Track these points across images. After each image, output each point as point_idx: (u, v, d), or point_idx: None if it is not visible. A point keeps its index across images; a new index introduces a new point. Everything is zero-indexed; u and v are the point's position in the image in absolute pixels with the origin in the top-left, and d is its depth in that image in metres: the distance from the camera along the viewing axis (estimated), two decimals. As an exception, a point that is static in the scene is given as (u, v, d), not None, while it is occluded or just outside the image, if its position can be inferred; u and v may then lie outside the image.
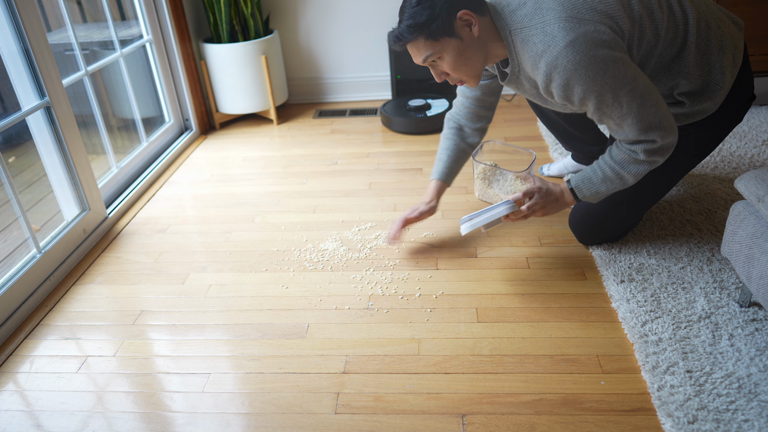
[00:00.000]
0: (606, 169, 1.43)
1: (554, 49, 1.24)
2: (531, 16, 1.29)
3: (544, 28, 1.26)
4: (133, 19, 2.51)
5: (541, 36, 1.27)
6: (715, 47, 1.37)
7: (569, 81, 1.26)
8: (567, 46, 1.23)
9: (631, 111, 1.29)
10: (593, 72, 1.24)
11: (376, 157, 2.41)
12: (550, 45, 1.25)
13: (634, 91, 1.27)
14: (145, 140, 2.47)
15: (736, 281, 1.48)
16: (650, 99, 1.29)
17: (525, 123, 2.63)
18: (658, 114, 1.30)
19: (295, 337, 1.44)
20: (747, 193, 1.25)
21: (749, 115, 2.42)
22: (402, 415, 1.20)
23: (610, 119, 1.33)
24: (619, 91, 1.26)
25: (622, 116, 1.30)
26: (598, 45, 1.23)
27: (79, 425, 1.24)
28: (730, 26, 1.41)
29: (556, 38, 1.24)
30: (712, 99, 1.41)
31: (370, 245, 1.79)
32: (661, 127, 1.31)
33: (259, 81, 2.76)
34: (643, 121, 1.30)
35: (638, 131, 1.31)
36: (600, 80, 1.25)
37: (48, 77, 1.77)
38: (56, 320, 1.58)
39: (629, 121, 1.31)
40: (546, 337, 1.37)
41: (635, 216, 1.65)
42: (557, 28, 1.24)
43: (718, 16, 1.39)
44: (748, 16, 2.36)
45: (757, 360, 1.24)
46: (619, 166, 1.40)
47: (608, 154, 1.43)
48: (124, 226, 2.03)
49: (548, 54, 1.26)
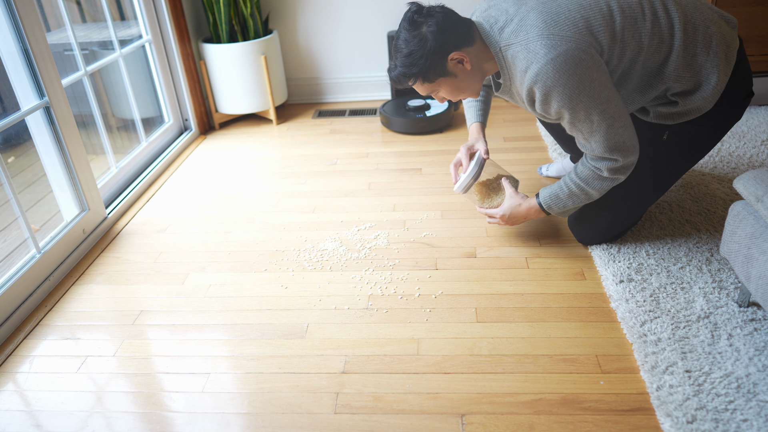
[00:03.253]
0: (572, 186, 1.53)
1: (536, 66, 1.31)
2: (516, 33, 1.35)
3: (527, 45, 1.32)
4: (133, 19, 2.51)
5: (525, 53, 1.33)
6: (702, 48, 1.39)
7: (548, 95, 1.34)
8: (547, 63, 1.29)
9: (600, 129, 1.37)
10: (570, 90, 1.31)
11: (376, 158, 2.41)
12: (532, 62, 1.32)
13: (606, 112, 1.35)
14: (144, 140, 2.47)
15: (735, 281, 1.49)
16: (619, 121, 1.38)
17: (524, 123, 2.64)
18: (624, 135, 1.39)
19: (294, 337, 1.44)
20: (746, 193, 1.25)
21: (748, 115, 2.42)
22: (401, 415, 1.20)
23: (579, 133, 1.42)
24: (592, 110, 1.34)
25: (591, 132, 1.39)
26: (577, 64, 1.29)
27: (79, 425, 1.24)
28: (721, 25, 1.41)
29: (538, 55, 1.30)
30: (704, 98, 1.43)
31: (370, 245, 1.79)
32: (625, 148, 1.41)
33: (258, 81, 2.76)
34: (610, 141, 1.39)
35: (603, 149, 1.41)
36: (576, 98, 1.32)
37: (47, 77, 1.77)
38: (56, 320, 1.58)
39: (597, 138, 1.39)
40: (545, 337, 1.37)
41: (634, 215, 1.65)
42: (539, 45, 1.30)
43: (708, 16, 1.40)
44: (747, 16, 2.36)
45: (756, 360, 1.24)
46: (584, 183, 1.50)
47: (574, 172, 1.52)
48: (123, 226, 2.03)
49: (531, 70, 1.32)
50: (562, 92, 1.32)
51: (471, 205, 1.99)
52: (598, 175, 1.47)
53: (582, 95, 1.32)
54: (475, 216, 1.91)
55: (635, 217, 1.66)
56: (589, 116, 1.35)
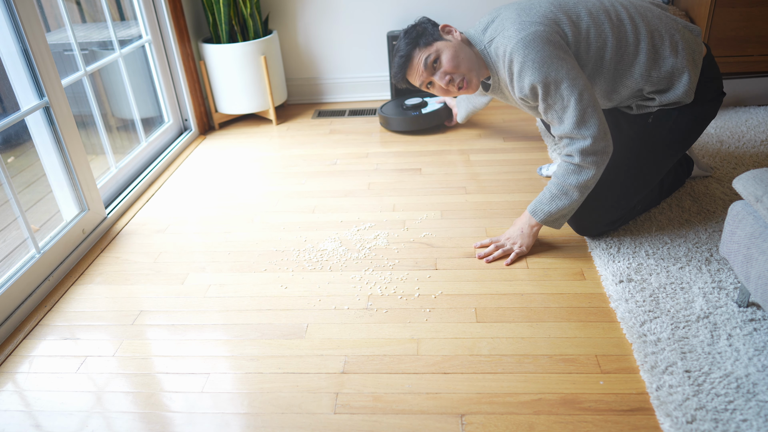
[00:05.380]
0: (552, 188, 1.60)
1: (510, 45, 1.50)
2: (495, 29, 1.57)
3: (503, 32, 1.53)
4: (132, 19, 2.51)
5: (502, 39, 1.53)
6: (671, 53, 1.55)
7: (521, 71, 1.49)
8: (519, 41, 1.48)
9: (570, 104, 1.48)
10: (539, 62, 1.46)
11: (375, 158, 2.41)
12: (507, 44, 1.51)
13: (574, 86, 1.47)
14: (144, 140, 2.47)
15: (734, 281, 1.49)
16: (587, 96, 1.48)
17: (524, 123, 2.64)
18: (593, 114, 1.49)
19: (294, 337, 1.44)
20: (745, 193, 1.25)
21: (748, 115, 2.42)
22: (401, 415, 1.20)
23: (553, 112, 1.52)
24: (561, 83, 1.47)
25: (563, 108, 1.50)
26: (545, 42, 1.47)
27: (78, 425, 1.24)
28: (685, 33, 1.59)
29: (512, 37, 1.50)
30: (678, 95, 1.58)
31: (369, 245, 1.79)
32: (596, 125, 1.49)
33: (258, 81, 2.76)
34: (579, 115, 1.48)
35: (574, 123, 1.49)
36: (545, 70, 1.46)
37: (47, 77, 1.77)
38: (55, 320, 1.58)
39: (568, 113, 1.49)
40: (545, 337, 1.37)
41: (629, 200, 1.67)
42: (513, 30, 1.51)
43: (672, 26, 1.58)
44: (747, 16, 2.36)
45: (756, 360, 1.25)
46: (560, 180, 1.57)
47: (553, 175, 1.61)
48: (123, 226, 2.03)
49: (508, 51, 1.51)
50: (532, 65, 1.47)
51: (471, 205, 1.99)
52: (572, 165, 1.54)
53: (551, 68, 1.46)
54: (475, 216, 1.91)
55: (630, 203, 1.67)
56: (559, 89, 1.47)
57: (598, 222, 1.67)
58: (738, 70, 2.47)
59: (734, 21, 2.37)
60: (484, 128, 2.61)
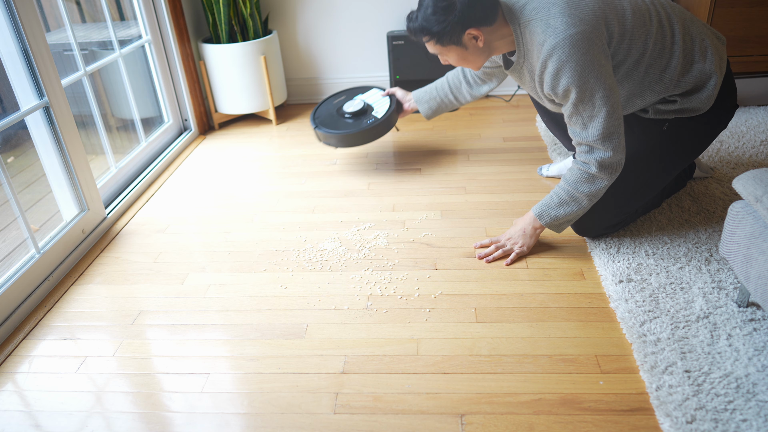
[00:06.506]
0: (561, 193, 1.57)
1: (553, 39, 1.39)
2: (537, 9, 1.43)
3: (548, 20, 1.40)
4: (132, 19, 2.51)
5: (544, 27, 1.41)
6: (699, 57, 1.51)
7: (560, 70, 1.40)
8: (566, 38, 1.37)
9: (600, 114, 1.43)
10: (581, 67, 1.38)
11: (375, 157, 2.41)
12: (550, 36, 1.39)
13: (608, 98, 1.42)
14: (144, 140, 2.47)
15: (734, 281, 1.49)
16: (617, 112, 1.44)
17: (524, 123, 2.64)
18: (619, 128, 1.46)
19: (294, 337, 1.44)
20: (745, 193, 1.25)
21: (747, 115, 2.42)
22: (401, 415, 1.20)
23: (579, 117, 1.46)
24: (596, 92, 1.41)
25: (591, 116, 1.45)
26: (592, 46, 1.38)
27: (78, 425, 1.24)
28: (713, 40, 1.55)
29: (557, 30, 1.38)
30: (701, 99, 1.54)
31: (369, 245, 1.79)
32: (618, 141, 1.46)
33: (258, 81, 2.76)
34: (607, 128, 1.44)
35: (598, 136, 1.45)
36: (585, 76, 1.39)
37: (47, 77, 1.77)
38: (55, 320, 1.58)
39: (595, 123, 1.45)
40: (544, 337, 1.37)
41: (632, 206, 1.66)
42: (560, 21, 1.38)
43: (702, 30, 1.54)
44: (747, 17, 2.36)
45: (755, 360, 1.25)
46: (572, 187, 1.54)
47: (563, 179, 1.57)
48: (123, 226, 2.03)
49: (548, 43, 1.40)
50: (573, 68, 1.38)
51: (471, 205, 1.99)
52: (587, 174, 1.51)
53: (591, 75, 1.39)
54: (475, 216, 1.91)
55: (632, 208, 1.67)
56: (593, 98, 1.42)
57: (599, 224, 1.67)
58: (738, 70, 2.47)
59: (734, 21, 2.37)
60: (484, 128, 2.61)
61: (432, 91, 2.07)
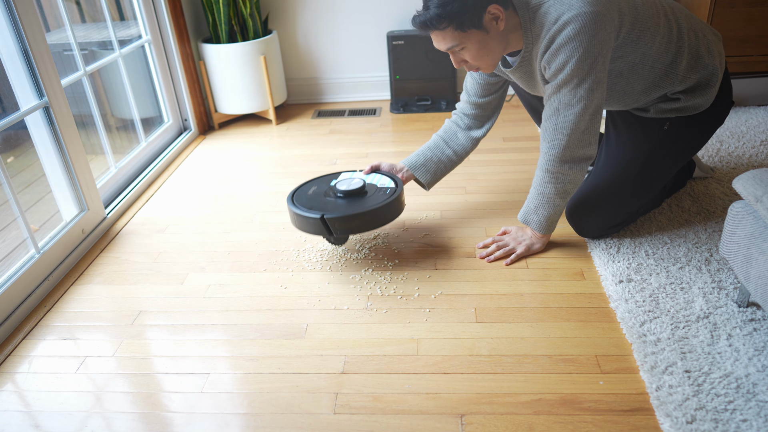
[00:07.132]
0: (534, 196, 1.60)
1: (569, 13, 1.33)
2: None
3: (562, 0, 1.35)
4: (132, 19, 2.51)
5: (559, 5, 1.35)
6: (705, 52, 1.52)
7: (564, 44, 1.35)
8: (582, 14, 1.32)
9: (578, 105, 1.42)
10: (584, 49, 1.34)
11: (375, 158, 2.41)
12: (565, 11, 1.33)
13: (592, 92, 1.40)
14: (143, 140, 2.47)
15: (734, 281, 1.49)
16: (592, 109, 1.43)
17: (524, 123, 2.64)
18: (591, 125, 1.45)
19: (293, 337, 1.44)
20: (745, 193, 1.25)
21: (747, 115, 2.42)
22: (401, 415, 1.20)
23: (557, 100, 1.44)
24: (584, 81, 1.39)
25: (567, 105, 1.43)
26: (602, 29, 1.34)
27: (78, 425, 1.24)
28: (712, 36, 1.56)
29: (574, 6, 1.33)
30: (704, 96, 1.54)
31: (369, 245, 1.79)
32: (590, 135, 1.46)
33: (258, 81, 2.76)
34: (579, 123, 1.44)
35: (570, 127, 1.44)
36: (582, 61, 1.36)
37: (47, 77, 1.77)
38: (55, 320, 1.58)
39: (568, 112, 1.43)
40: (544, 337, 1.37)
41: (632, 205, 1.66)
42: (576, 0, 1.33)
43: (704, 27, 1.55)
44: (746, 17, 2.36)
45: (756, 360, 1.24)
46: (538, 190, 1.57)
47: (533, 182, 1.59)
48: (122, 226, 2.03)
49: (563, 17, 1.33)
50: (577, 47, 1.34)
51: (471, 205, 1.99)
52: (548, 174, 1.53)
53: (586, 63, 1.36)
54: (475, 216, 1.91)
55: (633, 208, 1.67)
56: (579, 86, 1.40)
57: (600, 225, 1.66)
58: (738, 70, 2.47)
59: (734, 21, 2.37)
60: (484, 128, 2.61)
61: (426, 152, 1.80)
